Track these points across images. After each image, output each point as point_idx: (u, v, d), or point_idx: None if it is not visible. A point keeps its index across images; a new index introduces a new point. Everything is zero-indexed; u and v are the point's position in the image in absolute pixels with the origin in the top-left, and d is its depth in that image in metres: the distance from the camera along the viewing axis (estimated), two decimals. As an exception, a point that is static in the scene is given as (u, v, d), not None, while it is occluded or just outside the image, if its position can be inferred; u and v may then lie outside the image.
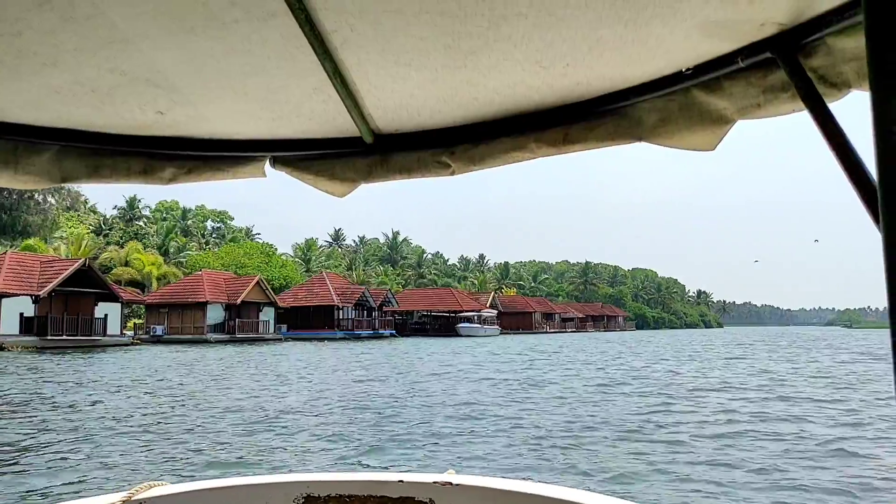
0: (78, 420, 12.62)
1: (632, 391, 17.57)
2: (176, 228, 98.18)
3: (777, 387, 18.62)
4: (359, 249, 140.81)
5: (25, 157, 1.77)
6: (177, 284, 60.97)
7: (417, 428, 11.67)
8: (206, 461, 9.06)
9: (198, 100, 1.63)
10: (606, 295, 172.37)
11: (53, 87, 1.52)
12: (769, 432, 11.12)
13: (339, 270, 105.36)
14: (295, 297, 69.36)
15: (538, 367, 26.77)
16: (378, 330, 72.63)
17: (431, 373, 23.71)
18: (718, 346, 50.08)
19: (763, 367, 26.56)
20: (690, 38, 1.34)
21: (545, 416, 13.11)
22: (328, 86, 1.54)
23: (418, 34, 1.33)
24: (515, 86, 1.58)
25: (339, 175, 1.91)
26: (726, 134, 1.51)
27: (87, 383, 19.95)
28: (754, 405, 14.54)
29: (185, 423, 12.16)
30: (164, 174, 1.89)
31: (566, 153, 1.69)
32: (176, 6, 1.22)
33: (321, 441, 10.53)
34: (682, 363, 29.15)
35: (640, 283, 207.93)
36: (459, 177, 1.88)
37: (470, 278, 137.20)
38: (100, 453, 9.52)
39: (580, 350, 39.02)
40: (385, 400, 15.77)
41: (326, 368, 26.03)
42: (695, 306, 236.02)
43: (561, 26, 1.30)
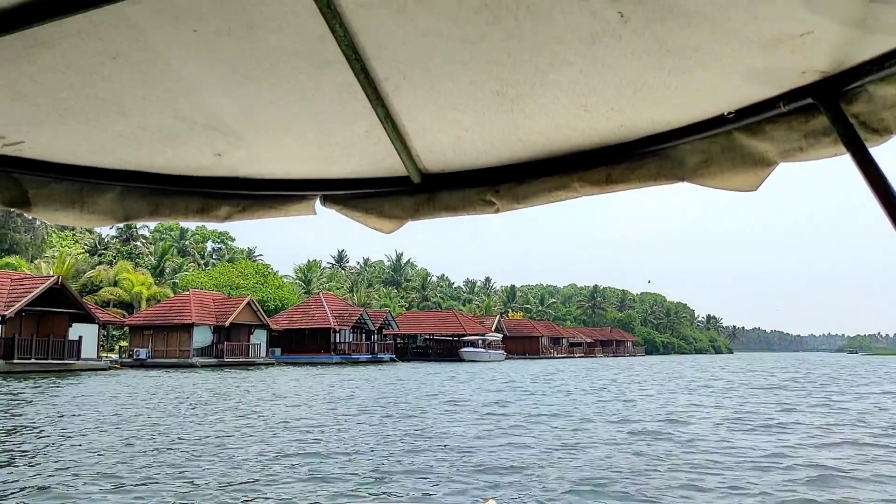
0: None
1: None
2: (172, 248, 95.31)
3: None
4: (363, 271, 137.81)
5: (90, 198, 1.86)
6: (162, 305, 57.72)
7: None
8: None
9: (253, 142, 1.72)
10: (615, 319, 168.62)
11: (120, 132, 1.62)
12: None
13: (342, 292, 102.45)
14: (290, 319, 66.08)
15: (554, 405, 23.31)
16: (377, 354, 69.20)
17: (408, 426, 20.41)
18: (760, 377, 46.32)
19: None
20: (733, 83, 1.40)
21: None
22: (379, 129, 1.62)
23: (468, 80, 1.41)
24: (560, 128, 1.63)
25: (387, 213, 1.98)
26: (768, 176, 1.54)
27: (28, 415, 16.80)
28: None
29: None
30: (219, 213, 1.97)
31: (609, 193, 1.72)
32: (237, 57, 1.30)
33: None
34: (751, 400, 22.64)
35: (649, 307, 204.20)
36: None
37: (475, 301, 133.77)
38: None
39: (602, 384, 34.38)
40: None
41: (291, 402, 22.85)
42: (704, 331, 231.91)
43: (607, 73, 1.36)
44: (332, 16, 1.19)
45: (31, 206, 1.84)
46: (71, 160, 1.82)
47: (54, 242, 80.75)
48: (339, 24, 1.21)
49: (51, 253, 73.93)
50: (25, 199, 1.83)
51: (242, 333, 57.11)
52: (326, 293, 76.38)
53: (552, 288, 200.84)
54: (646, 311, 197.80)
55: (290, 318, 66.29)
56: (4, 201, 1.81)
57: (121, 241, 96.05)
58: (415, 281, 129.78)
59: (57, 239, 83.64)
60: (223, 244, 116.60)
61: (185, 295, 58.61)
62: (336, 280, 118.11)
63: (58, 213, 1.88)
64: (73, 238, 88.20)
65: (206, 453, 11.47)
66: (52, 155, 1.79)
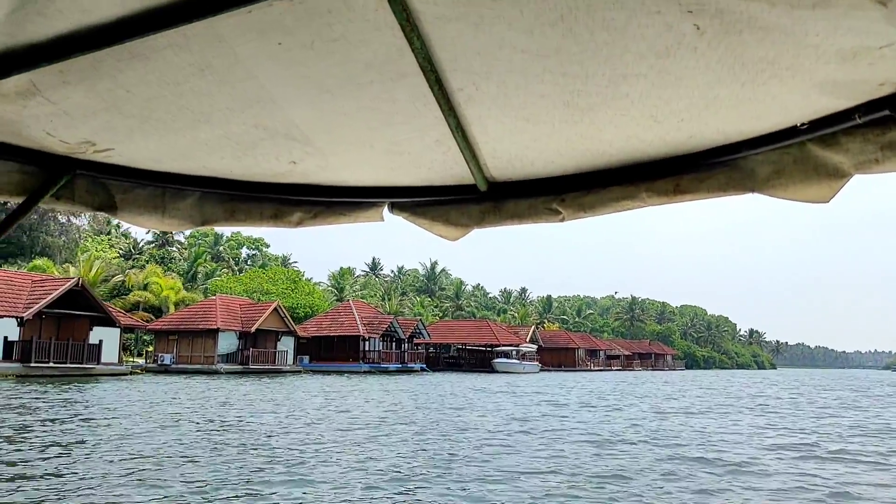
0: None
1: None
2: (205, 254, 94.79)
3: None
4: (397, 280, 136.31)
5: (171, 203, 1.95)
6: (188, 310, 56.63)
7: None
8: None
9: (327, 151, 1.77)
10: (654, 332, 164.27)
11: (202, 140, 1.69)
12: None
13: (375, 300, 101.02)
14: (318, 327, 64.58)
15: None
16: (407, 363, 67.30)
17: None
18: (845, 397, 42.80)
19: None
20: (807, 95, 1.39)
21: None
22: (449, 138, 1.64)
23: (539, 92, 1.42)
24: (628, 139, 1.63)
25: (453, 220, 2.01)
26: (842, 187, 1.53)
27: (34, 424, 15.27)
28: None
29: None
30: (292, 218, 2.03)
31: (676, 203, 1.74)
32: (319, 70, 1.35)
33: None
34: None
35: (689, 320, 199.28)
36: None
37: (510, 311, 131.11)
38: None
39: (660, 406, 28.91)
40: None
41: (308, 408, 21.03)
42: (747, 346, 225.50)
43: (679, 85, 1.37)
44: (411, 29, 1.22)
45: (118, 211, 1.90)
46: (155, 166, 1.88)
47: (89, 246, 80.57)
48: (417, 37, 1.24)
49: (84, 257, 73.63)
50: (113, 203, 1.90)
51: (269, 340, 55.75)
52: (356, 300, 74.79)
53: (589, 299, 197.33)
54: (686, 324, 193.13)
55: (318, 325, 64.81)
56: (94, 206, 1.88)
57: (156, 246, 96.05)
58: (449, 290, 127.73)
59: (92, 243, 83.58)
60: (258, 250, 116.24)
61: (211, 299, 57.51)
62: (370, 288, 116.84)
63: (142, 218, 1.95)
64: (108, 242, 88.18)
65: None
66: (137, 161, 1.85)
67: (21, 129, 1.61)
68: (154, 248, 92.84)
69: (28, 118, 1.54)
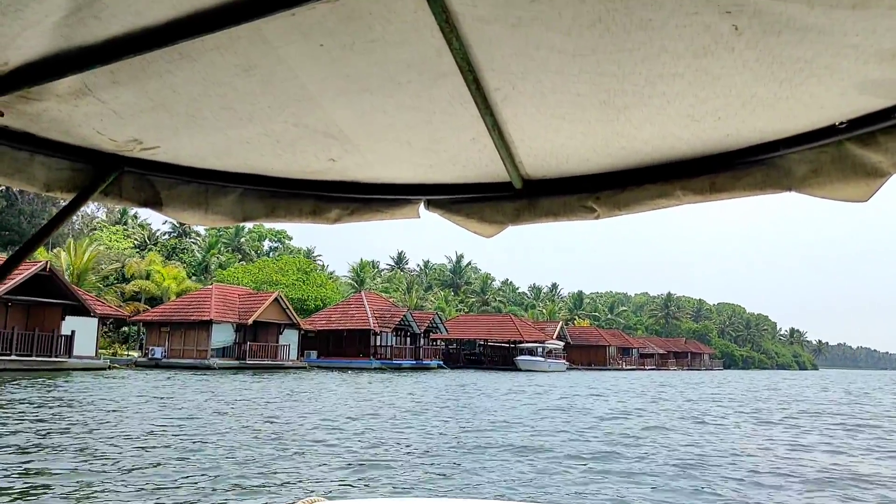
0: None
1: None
2: (219, 245, 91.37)
3: None
4: (422, 274, 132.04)
5: (214, 199, 1.99)
6: (181, 300, 52.53)
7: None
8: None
9: (365, 149, 1.80)
10: (690, 330, 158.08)
11: (244, 138, 1.73)
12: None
13: (398, 295, 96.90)
14: (328, 320, 60.26)
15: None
16: (422, 360, 62.73)
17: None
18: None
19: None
20: (846, 94, 1.39)
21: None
22: (485, 136, 1.66)
23: (576, 91, 1.44)
24: (664, 137, 1.64)
25: (488, 217, 2.03)
26: (881, 186, 1.53)
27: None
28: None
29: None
30: (330, 214, 2.06)
31: (712, 201, 1.74)
32: (359, 70, 1.38)
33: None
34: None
35: (726, 318, 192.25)
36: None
37: (539, 307, 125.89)
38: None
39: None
40: None
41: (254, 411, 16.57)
42: (787, 346, 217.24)
43: (716, 84, 1.37)
44: (450, 30, 1.24)
45: (163, 207, 1.94)
46: (198, 164, 1.93)
47: (102, 237, 77.51)
48: (456, 38, 1.26)
49: (102, 247, 70.36)
50: (158, 199, 1.94)
51: (270, 333, 51.62)
52: (369, 292, 70.37)
53: (622, 296, 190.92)
54: (723, 323, 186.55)
55: (327, 319, 60.52)
56: (140, 202, 1.92)
57: (176, 236, 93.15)
58: (475, 284, 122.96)
59: (106, 233, 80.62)
60: (280, 243, 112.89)
61: (206, 289, 53.42)
62: (394, 282, 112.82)
63: (185, 214, 1.98)
64: (123, 233, 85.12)
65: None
66: (181, 158, 1.90)
67: (72, 127, 1.65)
68: (173, 239, 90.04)
69: (79, 117, 1.59)
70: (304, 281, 69.21)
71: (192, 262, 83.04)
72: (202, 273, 78.54)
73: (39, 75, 1.36)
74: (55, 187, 1.79)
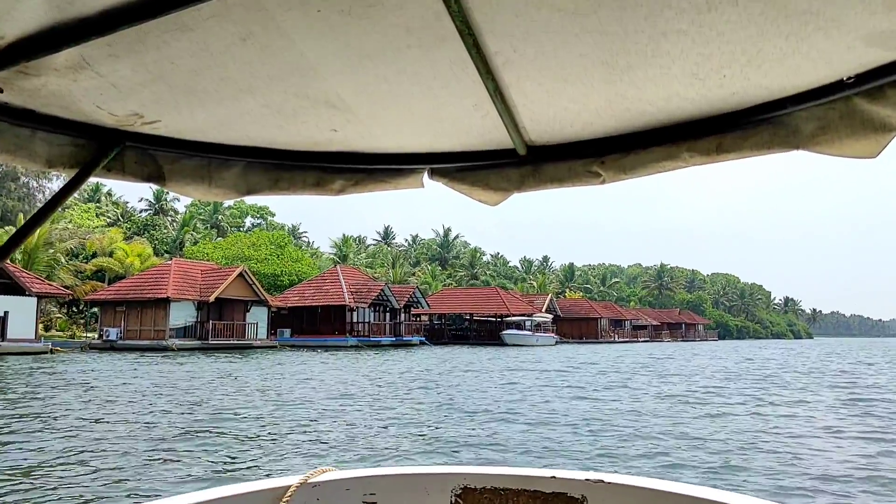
0: None
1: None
2: (193, 220, 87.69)
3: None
4: (410, 248, 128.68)
5: (217, 173, 1.97)
6: (137, 277, 48.94)
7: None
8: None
9: (367, 118, 1.78)
10: (684, 301, 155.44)
11: (245, 110, 1.71)
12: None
13: (383, 270, 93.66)
14: (301, 296, 56.84)
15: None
16: (403, 336, 59.51)
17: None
18: None
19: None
20: (854, 48, 1.36)
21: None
22: (487, 102, 1.64)
23: (578, 52, 1.41)
24: (669, 97, 1.61)
25: (492, 185, 2.00)
26: (890, 142, 1.51)
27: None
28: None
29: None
30: (334, 186, 2.05)
31: (719, 162, 1.71)
32: (358, 37, 1.36)
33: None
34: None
35: (720, 288, 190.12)
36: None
37: (529, 280, 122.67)
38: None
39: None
40: None
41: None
42: (782, 315, 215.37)
43: (720, 41, 1.34)
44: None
45: (167, 181, 1.93)
46: (200, 137, 1.91)
47: (73, 215, 73.77)
48: (455, 1, 1.24)
49: (63, 225, 66.64)
50: (161, 174, 1.92)
51: (236, 311, 48.25)
52: (345, 266, 66.92)
53: (615, 268, 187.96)
54: (717, 293, 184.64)
55: (301, 295, 57.09)
56: (143, 177, 1.90)
57: (152, 213, 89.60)
58: (464, 258, 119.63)
59: (78, 212, 76.84)
60: (263, 219, 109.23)
61: (165, 264, 49.85)
62: (380, 256, 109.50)
63: (189, 188, 1.95)
64: (95, 210, 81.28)
65: None
66: (183, 132, 1.88)
67: (72, 102, 1.63)
68: (148, 217, 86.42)
69: (78, 91, 1.57)
70: (278, 256, 65.65)
71: (166, 239, 79.59)
72: (176, 251, 75.00)
73: (36, 49, 1.34)
74: (57, 163, 1.76)
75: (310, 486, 1.99)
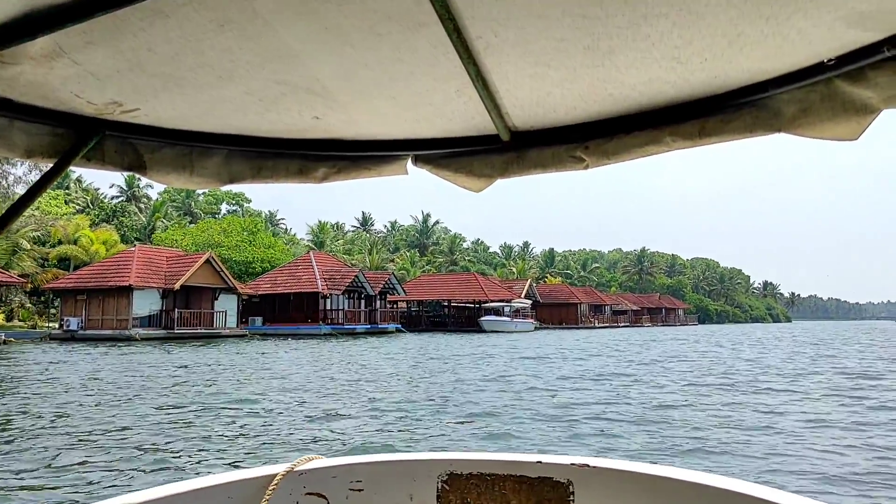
0: None
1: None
2: (164, 207, 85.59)
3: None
4: (389, 235, 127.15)
5: (199, 161, 1.96)
6: (99, 264, 47.09)
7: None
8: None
9: (349, 105, 1.77)
10: (664, 285, 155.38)
11: (226, 98, 1.70)
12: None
13: (360, 256, 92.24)
14: (273, 283, 55.29)
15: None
16: (378, 324, 58.17)
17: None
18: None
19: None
20: (834, 29, 1.36)
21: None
22: (470, 88, 1.64)
23: (559, 36, 1.41)
24: (651, 81, 1.62)
25: (476, 171, 2.01)
26: (871, 123, 1.51)
27: None
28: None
29: None
30: (317, 174, 2.04)
31: (702, 146, 1.72)
32: (338, 22, 1.36)
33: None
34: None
35: (700, 273, 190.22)
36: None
37: (509, 266, 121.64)
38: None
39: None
40: None
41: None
42: (761, 299, 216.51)
43: (701, 24, 1.35)
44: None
45: (147, 170, 1.92)
46: (181, 125, 1.90)
47: (40, 203, 71.43)
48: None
49: (28, 212, 64.40)
50: (142, 163, 1.91)
51: (204, 299, 46.67)
52: (318, 252, 65.35)
53: (596, 253, 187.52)
54: (697, 278, 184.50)
55: (273, 282, 55.51)
56: (124, 166, 1.89)
57: (123, 200, 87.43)
58: (443, 244, 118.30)
59: (46, 199, 74.51)
60: (239, 206, 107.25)
61: (128, 251, 47.99)
62: (358, 243, 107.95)
63: (170, 177, 1.94)
64: (64, 198, 78.96)
65: None
66: (164, 121, 1.86)
67: (49, 91, 1.62)
68: (120, 203, 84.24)
69: (55, 80, 1.56)
70: (250, 242, 63.94)
71: (136, 226, 77.55)
72: (147, 238, 73.05)
73: (10, 37, 1.33)
74: (36, 153, 1.75)
75: (296, 474, 1.99)
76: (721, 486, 1.75)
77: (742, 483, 1.76)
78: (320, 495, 2.02)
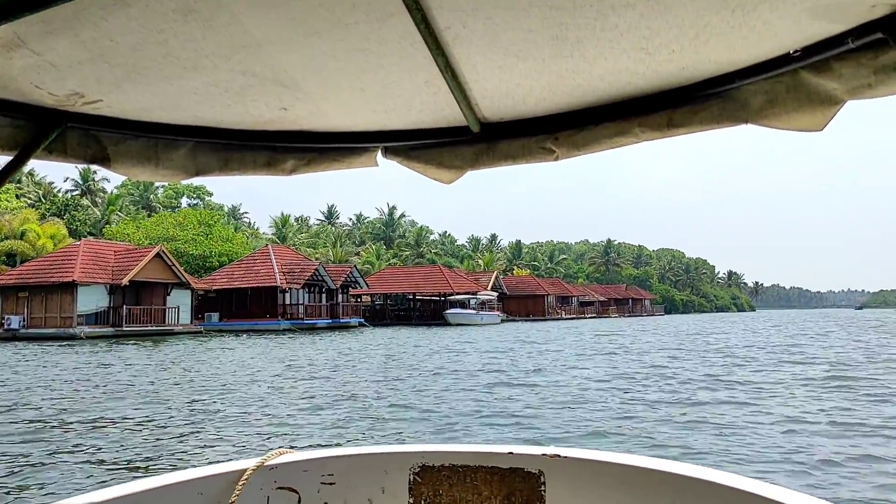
0: None
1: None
2: (120, 200, 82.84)
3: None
4: (354, 228, 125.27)
5: (165, 154, 1.93)
6: (42, 259, 44.78)
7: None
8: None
9: (318, 96, 1.76)
10: (631, 276, 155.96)
11: (191, 89, 1.68)
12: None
13: (324, 250, 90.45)
14: (230, 277, 53.35)
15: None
16: (340, 318, 56.53)
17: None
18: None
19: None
20: (799, 20, 1.37)
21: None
22: (439, 79, 1.63)
23: (527, 27, 1.41)
24: (620, 72, 1.62)
25: (447, 163, 2.01)
26: (836, 114, 1.52)
27: None
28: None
29: None
30: (286, 166, 2.03)
31: (670, 137, 1.73)
32: (304, 12, 1.34)
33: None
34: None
35: (666, 263, 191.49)
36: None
37: (476, 258, 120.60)
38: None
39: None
40: None
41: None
42: (725, 288, 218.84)
43: (668, 14, 1.35)
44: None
45: (111, 163, 1.89)
46: (146, 117, 1.87)
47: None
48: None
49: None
50: (105, 155, 1.88)
51: (155, 294, 44.67)
52: (277, 245, 63.45)
53: (563, 245, 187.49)
54: (663, 268, 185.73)
55: (229, 276, 53.58)
56: (87, 158, 1.86)
57: (78, 194, 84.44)
58: (409, 237, 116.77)
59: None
60: (200, 199, 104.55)
61: (73, 245, 45.71)
62: (322, 236, 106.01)
63: (135, 169, 1.92)
64: (15, 191, 75.80)
65: None
66: (128, 112, 1.83)
67: (8, 82, 1.59)
68: (74, 197, 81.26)
69: (14, 71, 1.53)
70: (206, 236, 61.78)
71: (89, 220, 74.82)
72: (100, 232, 70.43)
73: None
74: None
75: (266, 468, 1.97)
76: (691, 475, 1.74)
77: (712, 472, 1.75)
78: (291, 489, 1.99)
